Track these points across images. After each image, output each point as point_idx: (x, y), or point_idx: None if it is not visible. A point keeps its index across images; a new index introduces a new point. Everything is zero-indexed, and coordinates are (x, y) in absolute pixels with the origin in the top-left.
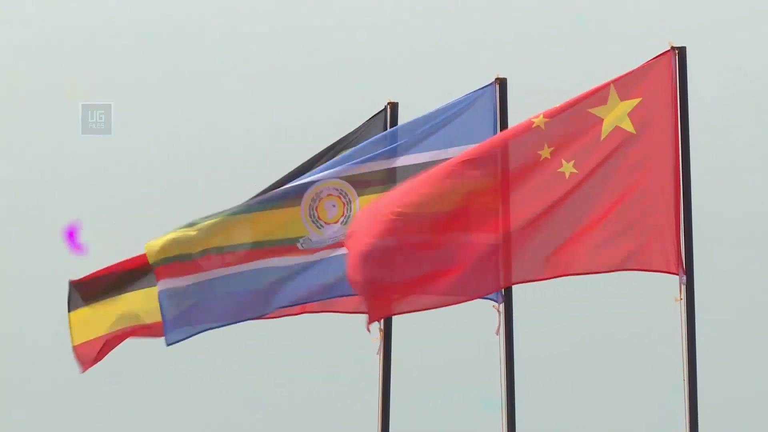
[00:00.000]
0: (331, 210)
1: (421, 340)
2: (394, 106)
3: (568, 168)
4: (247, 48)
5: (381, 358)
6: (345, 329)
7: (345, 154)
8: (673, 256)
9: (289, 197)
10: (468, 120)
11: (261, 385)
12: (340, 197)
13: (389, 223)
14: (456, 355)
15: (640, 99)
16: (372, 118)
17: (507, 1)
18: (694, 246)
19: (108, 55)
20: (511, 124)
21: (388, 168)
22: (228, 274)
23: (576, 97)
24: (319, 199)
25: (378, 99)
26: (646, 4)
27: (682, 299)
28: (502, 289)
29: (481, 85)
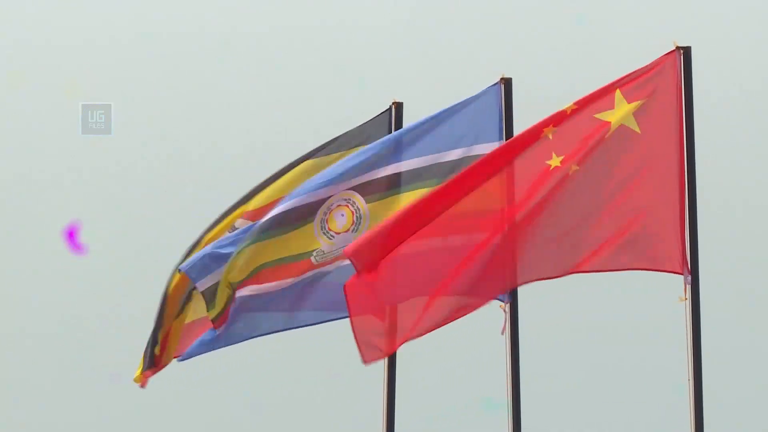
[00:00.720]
0: (340, 220)
1: (426, 340)
2: (398, 106)
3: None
4: (248, 47)
5: (386, 358)
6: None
7: (351, 162)
8: (678, 255)
9: (303, 217)
10: (473, 120)
11: (263, 386)
12: (348, 206)
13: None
14: (461, 355)
15: (645, 99)
16: (376, 117)
17: (512, 0)
18: (699, 246)
19: (108, 55)
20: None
21: (394, 173)
22: (246, 295)
23: (582, 99)
24: (329, 211)
25: (383, 99)
26: (650, 3)
27: (687, 299)
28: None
29: (485, 85)
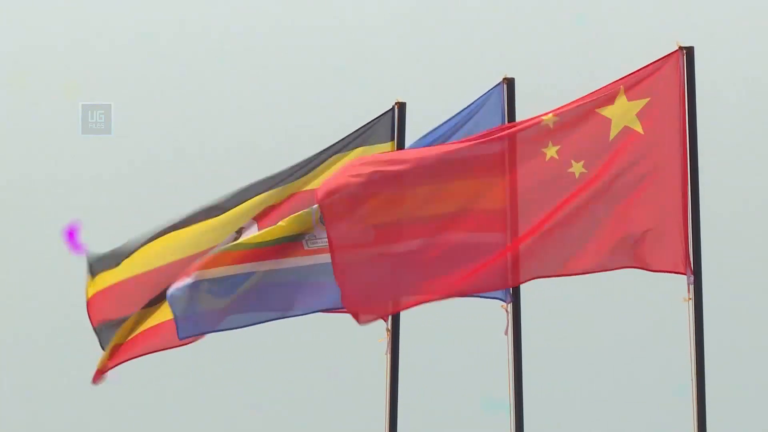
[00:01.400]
0: None
1: (429, 341)
2: (401, 106)
3: (578, 168)
4: (249, 47)
5: (389, 358)
6: (351, 328)
7: None
8: (681, 256)
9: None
10: (477, 120)
11: (266, 385)
12: None
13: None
14: (464, 355)
15: (648, 99)
16: (379, 117)
17: (514, 1)
18: (702, 246)
19: (108, 55)
20: None
21: None
22: (235, 273)
23: (584, 96)
24: None
25: (385, 99)
26: (653, 3)
27: (690, 299)
28: (510, 289)
29: (488, 85)
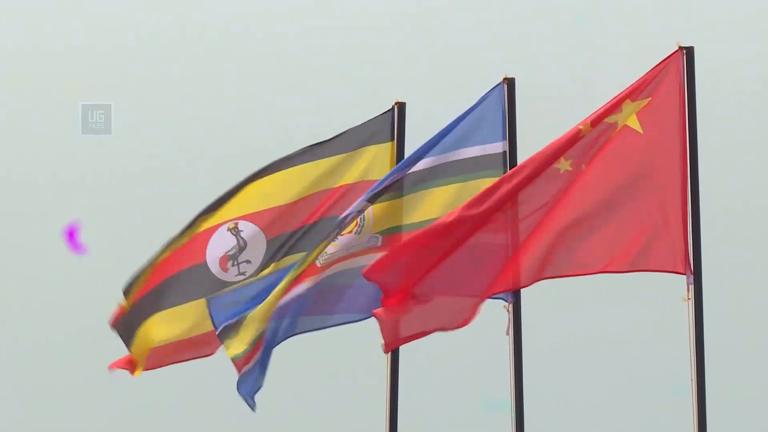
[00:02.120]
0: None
1: (430, 340)
2: (401, 106)
3: (570, 166)
4: (249, 47)
5: (389, 358)
6: (351, 328)
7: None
8: (681, 256)
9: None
10: (478, 120)
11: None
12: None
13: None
14: (465, 355)
15: (648, 99)
16: (379, 116)
17: (514, 1)
18: (701, 246)
19: (108, 55)
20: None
21: (400, 178)
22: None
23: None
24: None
25: (385, 99)
26: (653, 3)
27: (690, 299)
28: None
29: (488, 85)
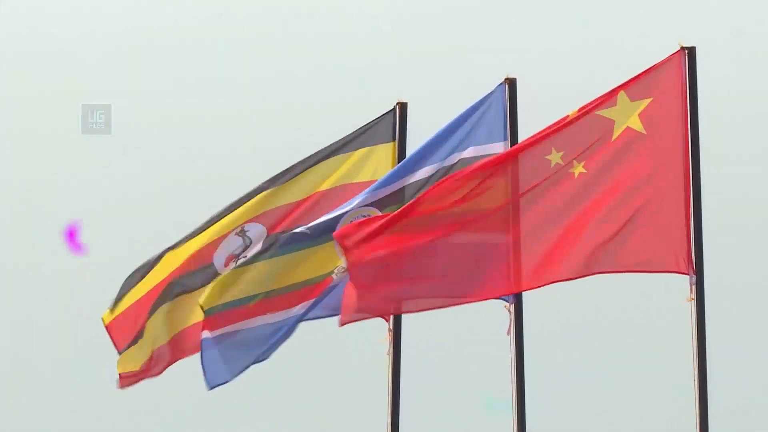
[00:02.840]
0: None
1: (431, 341)
2: (403, 107)
3: (578, 168)
4: (250, 47)
5: (391, 358)
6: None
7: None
8: (684, 256)
9: (324, 233)
10: (479, 121)
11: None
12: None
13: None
14: (466, 355)
15: (650, 99)
16: (381, 117)
17: (516, 1)
18: (704, 246)
19: (108, 55)
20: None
21: (407, 184)
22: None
23: (585, 105)
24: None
25: (387, 99)
26: (655, 4)
27: (692, 299)
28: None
29: (490, 85)
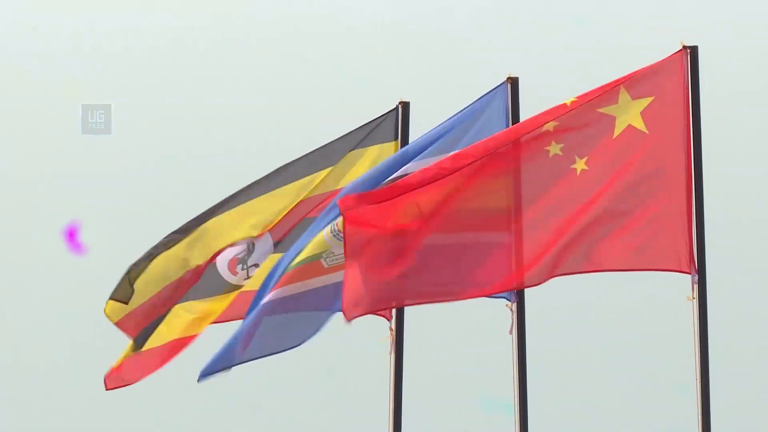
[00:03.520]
0: None
1: (433, 340)
2: (405, 106)
3: (580, 165)
4: (251, 47)
5: (392, 358)
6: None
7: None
8: (685, 254)
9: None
10: (480, 120)
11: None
12: None
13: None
14: (468, 354)
15: (652, 98)
16: (383, 116)
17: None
18: (706, 245)
19: (108, 55)
20: None
21: (402, 175)
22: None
23: (584, 95)
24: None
25: (389, 98)
26: (657, 3)
27: (694, 298)
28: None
29: (492, 84)
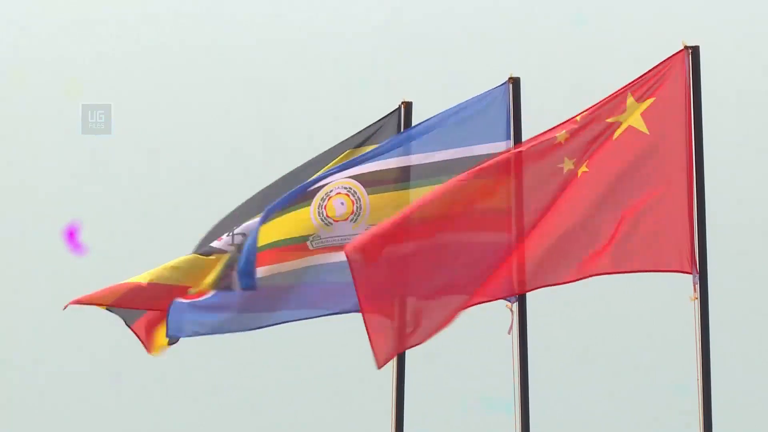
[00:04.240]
0: (339, 208)
1: (433, 340)
2: (408, 106)
3: (582, 168)
4: (252, 47)
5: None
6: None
7: (357, 157)
8: (687, 255)
9: (300, 198)
10: (482, 119)
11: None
12: (348, 195)
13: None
14: (468, 355)
15: (653, 99)
16: (385, 117)
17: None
18: (707, 245)
19: (108, 55)
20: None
21: (399, 167)
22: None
23: (594, 106)
24: (328, 198)
25: (392, 99)
26: (659, 3)
27: (696, 298)
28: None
29: (494, 84)
